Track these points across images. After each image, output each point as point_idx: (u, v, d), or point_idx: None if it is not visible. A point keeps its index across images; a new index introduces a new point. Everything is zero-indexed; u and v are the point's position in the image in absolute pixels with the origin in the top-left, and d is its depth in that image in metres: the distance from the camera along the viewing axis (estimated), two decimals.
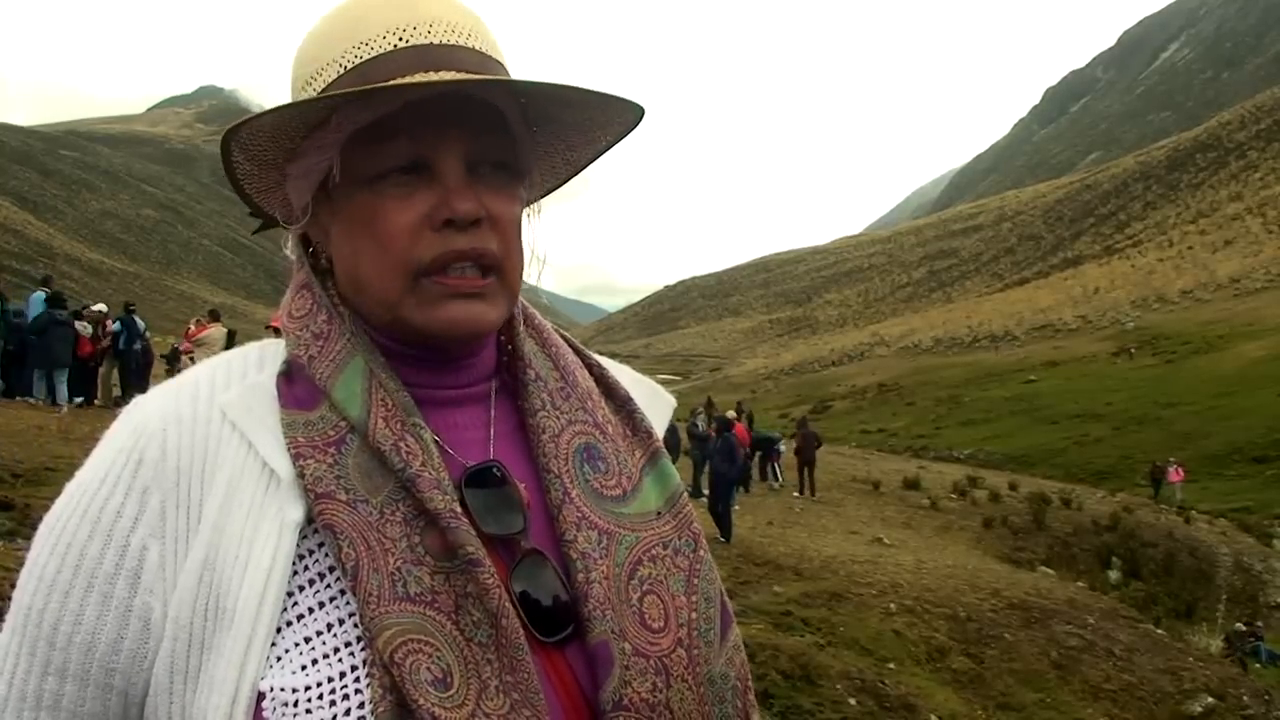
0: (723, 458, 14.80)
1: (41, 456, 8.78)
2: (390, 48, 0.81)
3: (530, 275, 0.94)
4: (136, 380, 14.90)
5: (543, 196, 0.99)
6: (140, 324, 15.79)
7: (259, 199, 0.92)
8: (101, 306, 16.32)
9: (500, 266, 0.84)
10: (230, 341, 14.75)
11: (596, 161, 0.97)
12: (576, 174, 0.98)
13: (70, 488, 0.82)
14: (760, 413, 39.41)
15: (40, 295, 14.17)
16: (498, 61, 0.86)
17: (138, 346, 15.64)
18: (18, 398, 13.44)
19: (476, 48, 0.84)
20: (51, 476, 7.44)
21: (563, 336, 0.99)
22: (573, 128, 0.93)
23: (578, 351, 0.99)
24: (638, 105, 0.88)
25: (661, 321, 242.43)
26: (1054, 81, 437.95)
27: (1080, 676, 12.33)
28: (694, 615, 0.84)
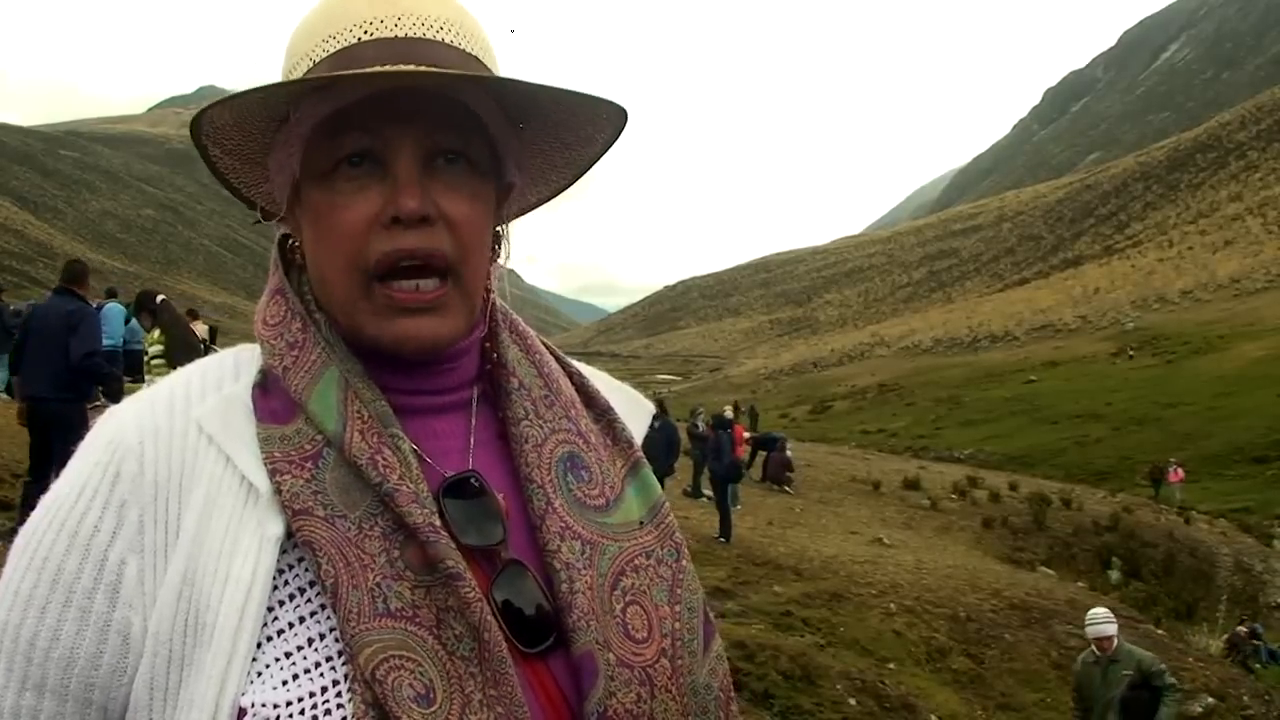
0: (712, 455, 14.83)
1: None
2: (355, 41, 0.81)
3: (518, 268, 1.00)
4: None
5: (551, 197, 0.98)
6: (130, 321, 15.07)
7: (249, 193, 0.92)
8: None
9: (456, 271, 0.82)
10: (213, 337, 14.75)
11: (600, 160, 0.94)
12: (582, 174, 0.96)
13: (46, 501, 0.81)
14: (760, 413, 39.39)
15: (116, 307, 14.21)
16: (473, 56, 0.84)
17: (138, 346, 15.44)
18: None
19: (447, 41, 0.82)
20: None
21: (543, 343, 0.98)
22: (562, 125, 0.91)
23: (559, 359, 0.98)
24: (606, 100, 0.85)
25: (661, 321, 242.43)
26: (1054, 81, 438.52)
27: None
28: (677, 625, 0.84)
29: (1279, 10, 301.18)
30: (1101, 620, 7.96)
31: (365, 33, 0.81)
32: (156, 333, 8.37)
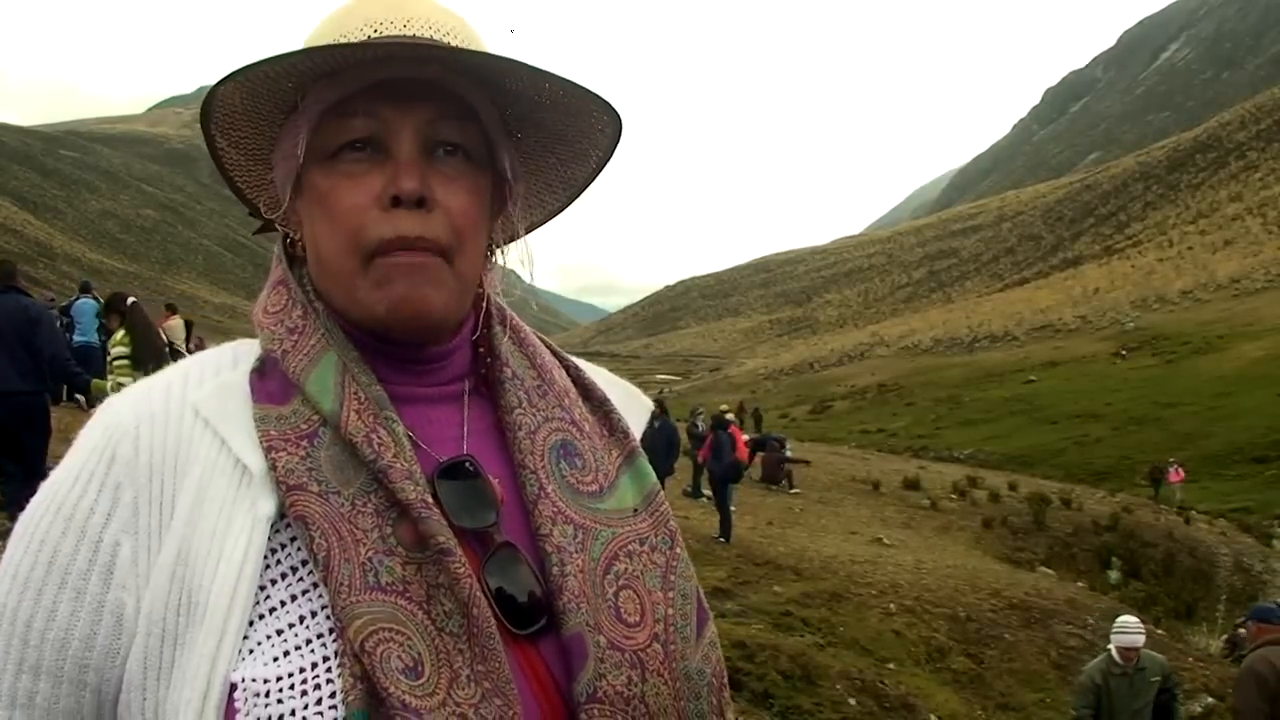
0: (713, 455, 14.90)
1: None
2: (364, 39, 0.83)
3: (518, 268, 0.96)
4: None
5: (545, 221, 1.01)
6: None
7: (252, 194, 0.94)
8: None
9: (450, 256, 0.83)
10: (189, 332, 14.83)
11: (594, 180, 0.97)
12: (578, 194, 0.98)
13: (45, 486, 0.82)
14: (762, 414, 39.37)
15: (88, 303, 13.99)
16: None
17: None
18: None
19: (452, 44, 0.84)
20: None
21: (539, 338, 1.00)
22: (556, 137, 0.93)
23: (554, 352, 1.00)
24: (603, 100, 0.88)
25: (661, 321, 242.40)
26: (1054, 81, 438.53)
27: None
28: (670, 611, 0.85)
29: (1279, 10, 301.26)
30: (1133, 630, 7.29)
31: (375, 30, 0.83)
32: (121, 333, 8.38)
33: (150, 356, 7.47)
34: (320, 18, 0.88)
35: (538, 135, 0.93)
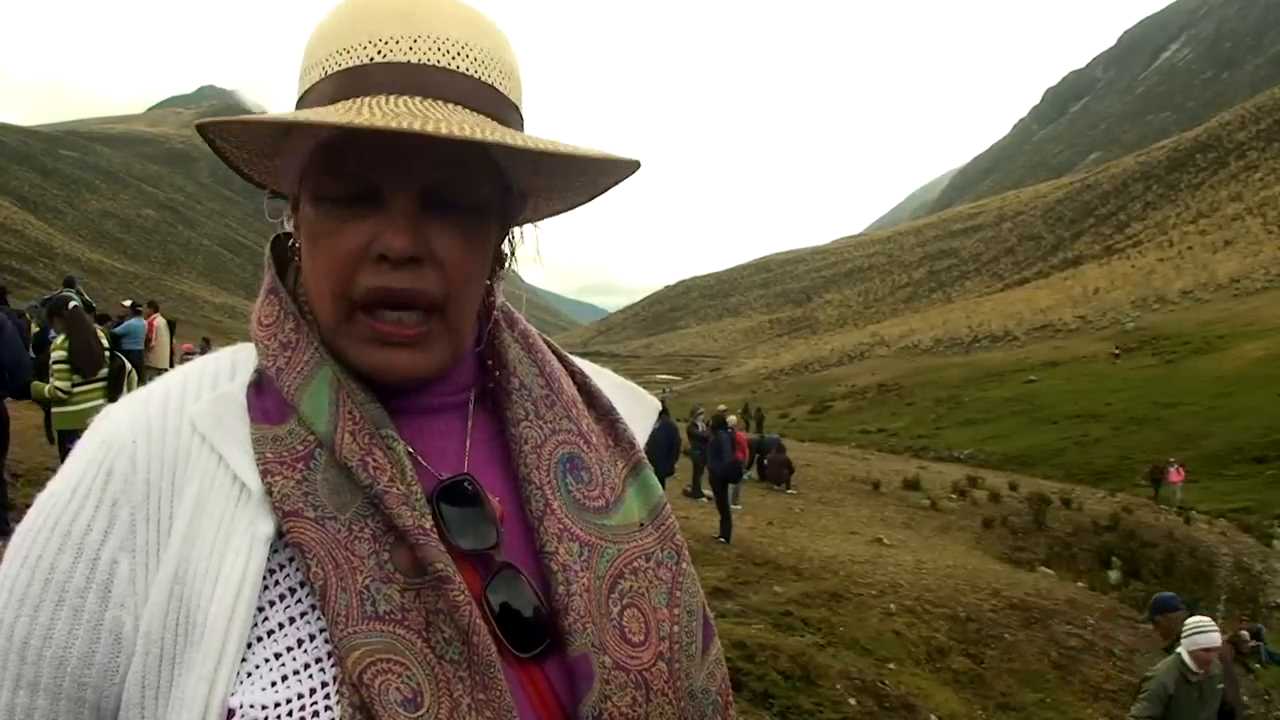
0: (712, 455, 14.92)
1: (41, 456, 8.81)
2: (367, 60, 0.78)
3: (518, 268, 0.94)
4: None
5: (565, 210, 0.96)
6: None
7: (260, 178, 0.91)
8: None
9: (442, 309, 0.80)
10: (171, 331, 15.02)
11: (619, 185, 0.91)
12: (598, 195, 0.92)
13: (41, 499, 0.81)
14: (764, 414, 39.39)
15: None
16: (489, 85, 0.80)
17: (135, 346, 15.23)
18: None
19: (463, 69, 0.79)
20: (51, 477, 7.46)
21: (546, 341, 0.97)
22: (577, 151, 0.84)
23: (561, 358, 0.97)
24: (619, 159, 0.83)
25: (661, 321, 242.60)
26: (1054, 81, 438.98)
27: (1080, 676, 12.33)
28: (675, 629, 0.83)
29: (1279, 10, 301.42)
30: (1210, 628, 6.24)
31: (378, 52, 0.78)
32: (61, 338, 8.50)
33: (87, 363, 7.63)
34: (324, 15, 0.83)
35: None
